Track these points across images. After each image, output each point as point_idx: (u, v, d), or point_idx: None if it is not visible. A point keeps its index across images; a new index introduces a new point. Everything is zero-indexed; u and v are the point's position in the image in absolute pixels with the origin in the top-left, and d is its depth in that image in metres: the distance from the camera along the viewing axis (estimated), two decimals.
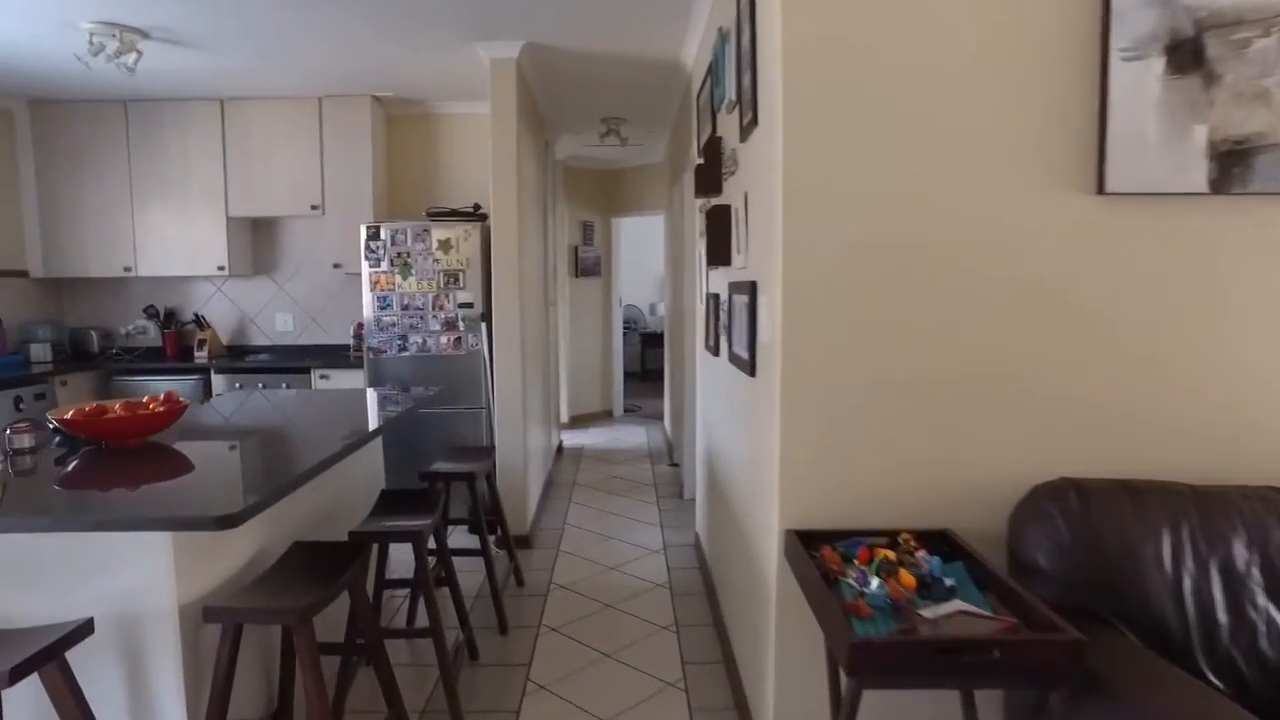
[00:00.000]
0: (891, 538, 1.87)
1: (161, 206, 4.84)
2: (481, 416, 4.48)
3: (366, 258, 4.42)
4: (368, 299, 4.44)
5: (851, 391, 1.94)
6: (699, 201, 3.80)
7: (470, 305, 4.41)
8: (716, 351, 3.11)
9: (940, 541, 1.87)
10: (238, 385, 4.64)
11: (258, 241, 5.17)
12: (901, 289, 1.91)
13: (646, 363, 10.57)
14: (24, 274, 4.91)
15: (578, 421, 7.65)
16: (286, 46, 3.86)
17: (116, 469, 2.01)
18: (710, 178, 2.97)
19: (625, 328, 8.58)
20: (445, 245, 4.38)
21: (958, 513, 1.97)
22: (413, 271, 4.40)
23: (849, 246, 1.90)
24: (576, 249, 7.67)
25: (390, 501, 2.70)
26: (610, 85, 4.70)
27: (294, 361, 4.72)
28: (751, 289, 2.26)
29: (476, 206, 4.65)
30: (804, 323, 1.92)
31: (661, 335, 10.45)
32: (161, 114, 4.79)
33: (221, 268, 4.85)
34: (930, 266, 1.91)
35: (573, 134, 6.21)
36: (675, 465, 5.90)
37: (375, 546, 2.82)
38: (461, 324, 4.42)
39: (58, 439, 2.38)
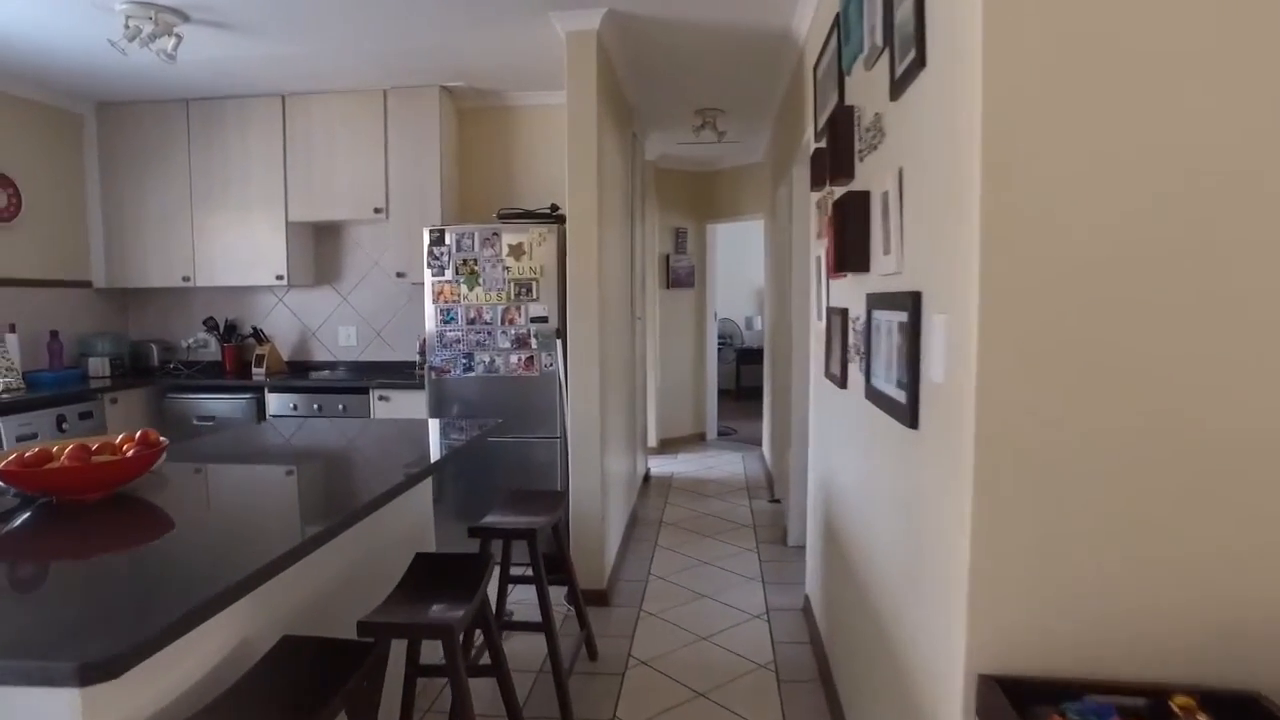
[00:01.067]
0: (1158, 699, 1.16)
1: (220, 212, 4.51)
2: (557, 447, 3.90)
3: (429, 265, 3.92)
4: (430, 312, 3.94)
5: (1092, 460, 1.22)
6: (815, 196, 3.10)
7: (544, 320, 3.85)
8: (843, 383, 2.40)
9: (1244, 713, 1.15)
10: (293, 406, 4.23)
11: (320, 250, 4.78)
12: (1181, 306, 1.18)
13: (741, 380, 9.84)
14: (87, 284, 4.67)
15: (667, 446, 7.01)
16: (337, 23, 3.40)
17: (42, 542, 1.49)
18: (838, 159, 2.28)
19: (720, 343, 7.90)
20: (517, 251, 3.83)
21: (1274, 665, 1.22)
22: (480, 281, 3.87)
23: (1096, 240, 1.19)
24: (668, 258, 7.06)
25: (425, 571, 2.12)
26: (706, 65, 4.05)
27: (354, 380, 4.27)
28: (912, 304, 1.56)
29: (554, 208, 4.09)
30: (1014, 356, 1.22)
31: (759, 351, 9.73)
32: (223, 112, 4.46)
33: (280, 277, 4.47)
34: (1231, 274, 1.17)
35: (664, 130, 5.61)
36: (776, 502, 5.17)
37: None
38: (534, 341, 3.86)
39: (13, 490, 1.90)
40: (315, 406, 4.20)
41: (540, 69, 4.06)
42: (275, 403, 4.25)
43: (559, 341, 3.81)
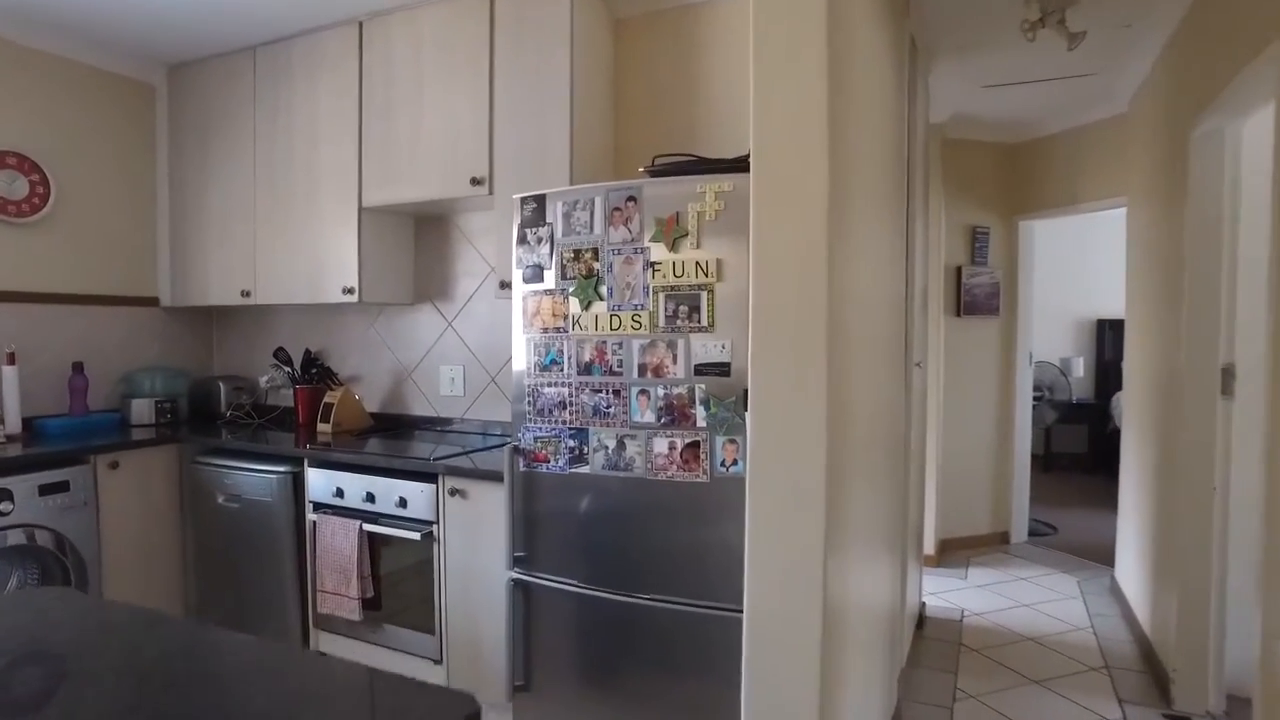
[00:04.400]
0: None
1: (285, 201, 3.14)
2: (744, 623, 1.90)
3: (519, 264, 2.16)
4: (519, 348, 2.17)
5: None
6: None
7: (721, 369, 1.90)
8: None
9: None
10: (336, 492, 2.67)
11: (422, 251, 3.24)
12: None
13: (1052, 446, 7.03)
14: (152, 302, 3.56)
15: (949, 553, 4.64)
16: None
17: None
18: None
19: (1034, 396, 5.34)
20: (671, 231, 1.94)
21: None
22: (601, 291, 2.02)
23: None
24: (959, 271, 4.74)
25: None
26: None
27: (420, 456, 2.62)
28: None
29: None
30: None
31: (1086, 407, 6.87)
32: (290, 58, 3.11)
33: (349, 290, 2.98)
34: None
35: (963, 55, 3.41)
36: (1180, 719, 2.69)
37: None
38: (702, 410, 1.92)
39: None
40: (365, 495, 2.61)
41: None
42: (318, 483, 2.73)
43: (748, 416, 1.83)
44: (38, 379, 3.12)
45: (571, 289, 2.06)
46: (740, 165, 1.89)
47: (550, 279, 2.10)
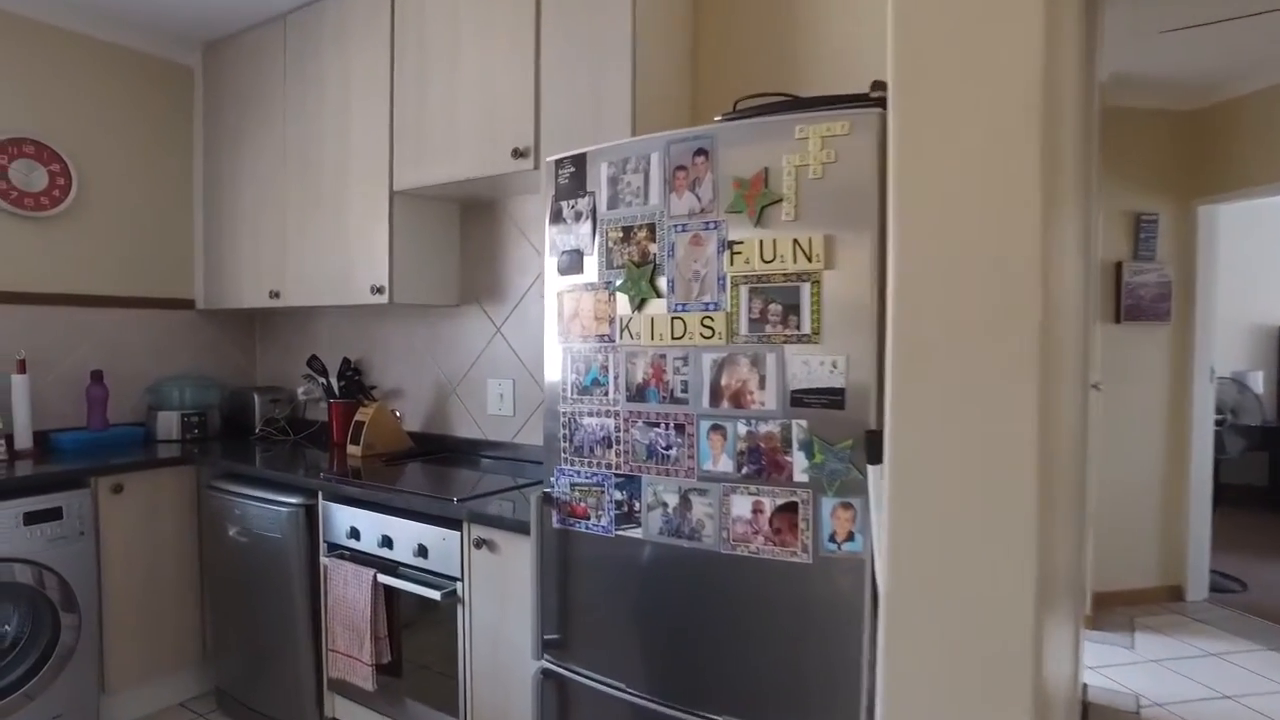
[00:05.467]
0: None
1: (314, 188, 2.73)
2: None
3: (553, 248, 1.62)
4: (555, 359, 1.62)
5: None
6: None
7: (833, 398, 1.29)
8: None
9: None
10: (350, 533, 2.20)
11: (469, 243, 2.76)
12: None
13: (1221, 476, 5.92)
14: (189, 304, 3.24)
15: (1107, 611, 3.80)
16: None
17: None
18: None
19: (1216, 421, 4.39)
20: (753, 194, 1.35)
21: None
22: (659, 284, 1.45)
23: None
24: (1118, 267, 3.91)
25: None
26: None
27: (440, 497, 2.12)
28: None
29: (876, 86, 1.51)
30: None
31: (1268, 431, 5.76)
32: (321, 25, 2.69)
33: (379, 289, 2.52)
34: None
35: None
36: None
37: None
38: (803, 460, 1.32)
39: None
40: (380, 538, 2.13)
41: None
42: (333, 520, 2.27)
43: (876, 469, 1.23)
44: (57, 388, 2.83)
45: (619, 281, 1.50)
46: (864, 100, 1.28)
47: (591, 268, 1.54)
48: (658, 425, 1.45)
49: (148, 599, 2.59)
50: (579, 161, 1.56)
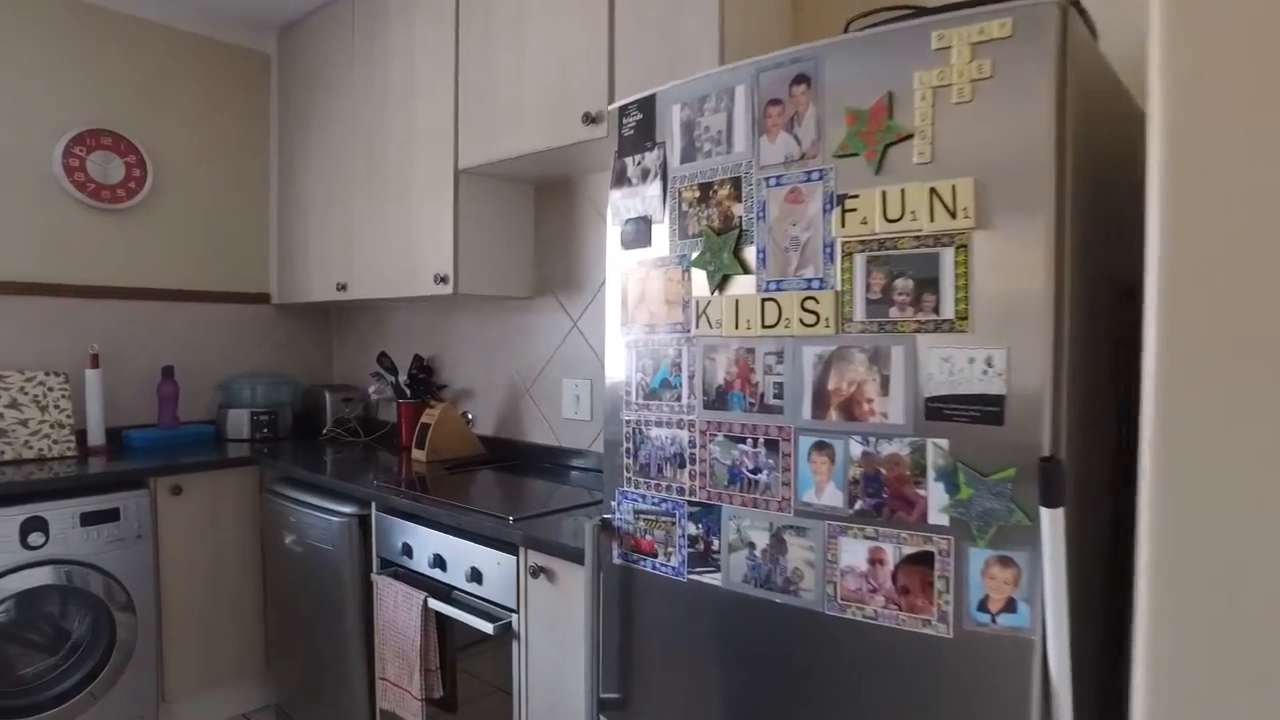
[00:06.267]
0: None
1: (380, 171, 2.53)
2: None
3: (615, 216, 1.30)
4: (618, 354, 1.31)
5: None
6: None
7: (989, 408, 0.92)
8: None
9: None
10: (402, 549, 1.97)
11: (545, 227, 2.49)
12: None
13: None
14: (264, 299, 3.14)
15: None
16: None
17: None
18: None
19: None
20: (872, 129, 0.99)
21: None
22: (744, 256, 1.12)
23: None
24: None
25: None
26: None
27: (497, 514, 1.85)
28: None
29: None
30: None
31: None
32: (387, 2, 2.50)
33: (443, 279, 2.28)
34: None
35: None
36: None
37: None
38: (944, 495, 0.95)
39: None
40: (432, 558, 1.88)
41: None
42: (389, 533, 2.04)
43: (1053, 513, 0.85)
44: (130, 385, 2.76)
45: (695, 254, 1.17)
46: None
47: (661, 239, 1.22)
48: (743, 441, 1.12)
49: (208, 606, 2.46)
50: (646, 106, 1.24)
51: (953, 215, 0.93)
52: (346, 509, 2.14)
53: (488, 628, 1.70)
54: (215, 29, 2.94)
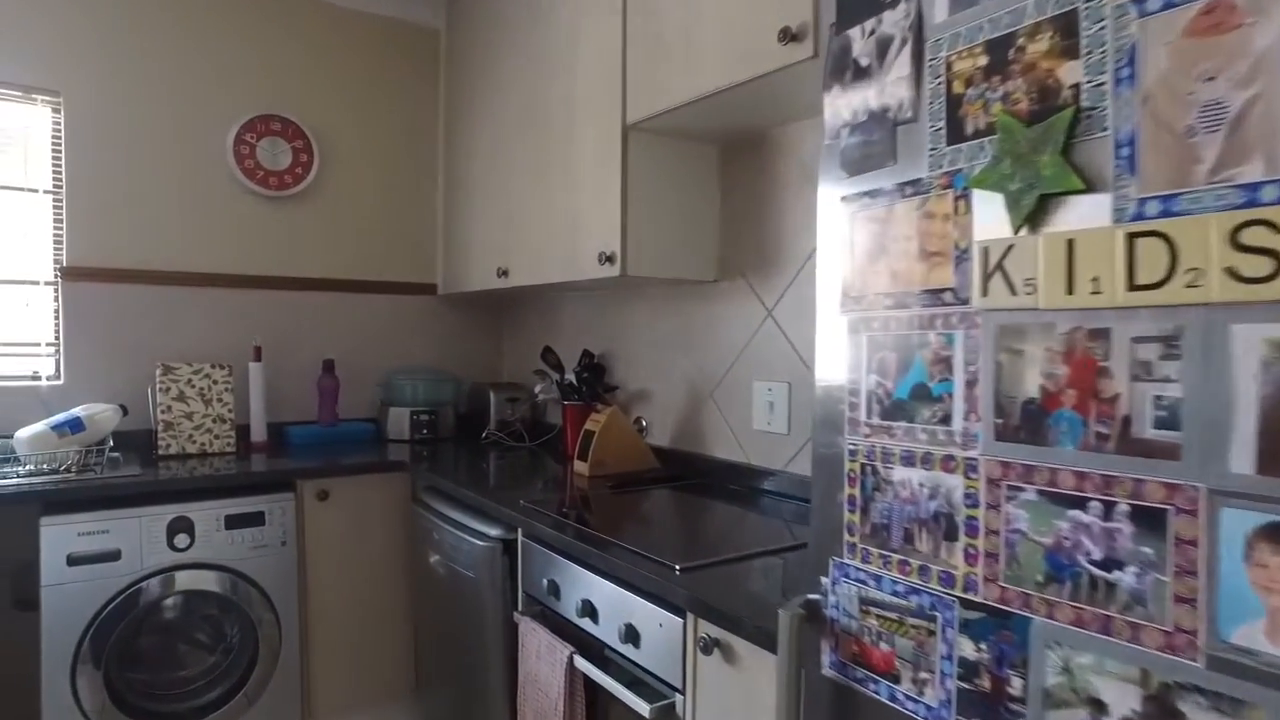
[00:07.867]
0: None
1: (541, 143, 2.20)
2: None
3: (831, 129, 0.82)
4: (833, 335, 0.83)
5: None
6: None
7: None
8: None
9: None
10: (550, 589, 1.59)
11: (732, 193, 2.02)
12: None
13: None
14: (431, 289, 2.94)
15: None
16: None
17: None
18: None
19: None
20: None
21: None
22: (1083, 159, 0.60)
23: None
24: None
25: None
26: None
27: (742, 515, 1.41)
28: None
29: None
30: None
31: None
32: None
33: (608, 258, 1.89)
34: None
35: None
36: None
37: None
38: None
39: None
40: (580, 604, 1.49)
41: None
42: (535, 566, 1.68)
43: None
44: (292, 379, 2.64)
45: (980, 167, 0.67)
46: None
47: (914, 151, 0.73)
48: (1081, 505, 0.60)
49: (354, 621, 2.25)
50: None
51: None
52: (493, 532, 1.80)
53: (644, 709, 1.28)
54: (382, 5, 2.77)
